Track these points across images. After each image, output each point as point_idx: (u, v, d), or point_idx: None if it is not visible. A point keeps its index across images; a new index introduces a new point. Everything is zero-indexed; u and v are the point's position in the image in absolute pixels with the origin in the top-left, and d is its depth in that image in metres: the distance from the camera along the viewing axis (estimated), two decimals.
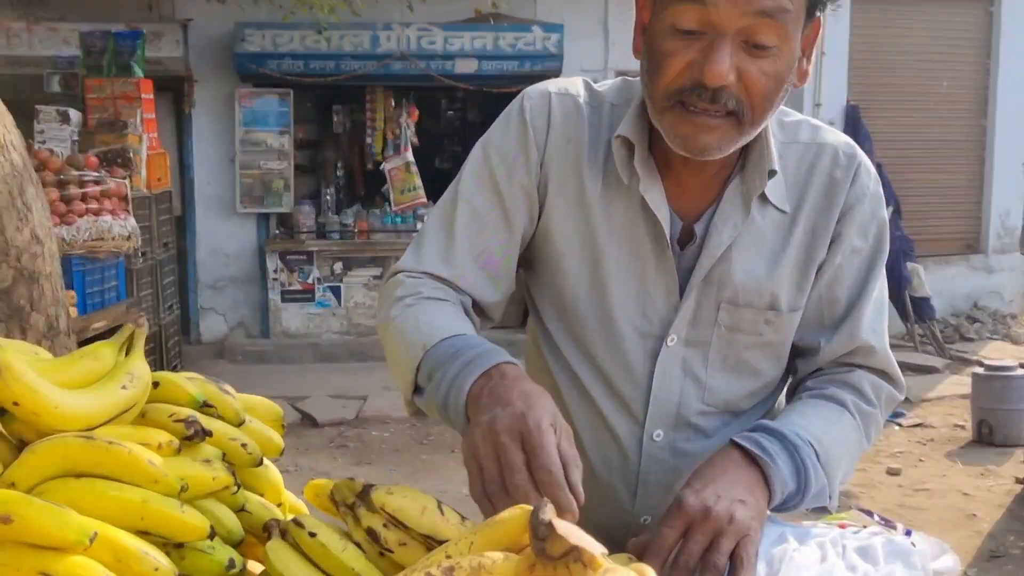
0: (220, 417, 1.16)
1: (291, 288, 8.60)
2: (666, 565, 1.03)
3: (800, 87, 1.15)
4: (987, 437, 6.05)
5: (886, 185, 7.99)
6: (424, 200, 8.09)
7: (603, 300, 1.25)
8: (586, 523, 0.85)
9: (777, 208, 1.22)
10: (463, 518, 0.95)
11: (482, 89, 7.81)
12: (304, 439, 6.73)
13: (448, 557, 0.81)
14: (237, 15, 7.30)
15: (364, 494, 0.98)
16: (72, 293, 5.15)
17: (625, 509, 1.28)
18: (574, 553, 0.72)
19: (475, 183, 1.25)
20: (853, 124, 8.62)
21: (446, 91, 8.25)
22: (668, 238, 1.20)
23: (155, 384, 1.14)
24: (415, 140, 8.17)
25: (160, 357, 6.83)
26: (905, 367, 6.98)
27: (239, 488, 1.11)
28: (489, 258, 1.25)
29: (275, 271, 8.42)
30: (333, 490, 1.02)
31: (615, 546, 1.02)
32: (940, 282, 8.93)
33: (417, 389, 1.16)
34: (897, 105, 9.04)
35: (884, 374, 1.28)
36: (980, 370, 6.26)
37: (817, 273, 1.24)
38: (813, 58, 1.16)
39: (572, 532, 0.75)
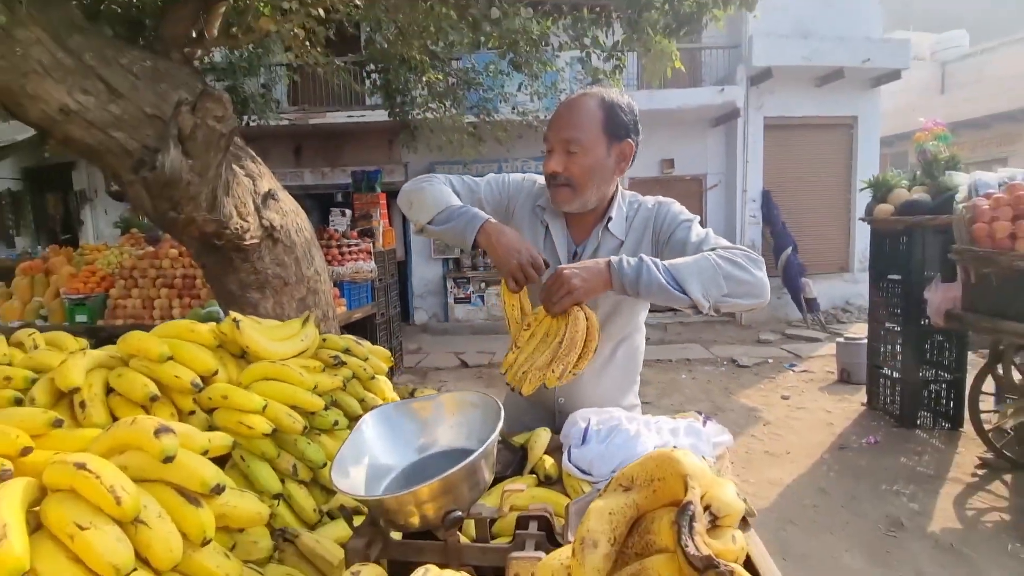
0: (354, 355, 1.53)
1: (460, 297, 10.70)
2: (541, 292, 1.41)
3: (621, 176, 1.65)
4: (846, 379, 6.77)
5: (788, 234, 10.08)
6: None
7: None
8: (525, 403, 1.44)
9: (615, 236, 1.67)
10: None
11: None
12: (460, 375, 7.80)
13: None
14: (434, 157, 9.51)
15: None
16: (342, 300, 6.06)
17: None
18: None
19: (477, 182, 1.76)
20: (767, 201, 10.48)
21: None
22: (566, 252, 1.68)
23: (324, 339, 1.51)
24: None
25: (388, 333, 7.58)
26: (801, 339, 9.45)
27: (344, 387, 1.49)
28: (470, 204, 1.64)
29: (451, 288, 10.80)
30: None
31: (543, 421, 1.63)
32: (825, 290, 10.71)
33: (430, 223, 1.58)
34: (795, 189, 10.80)
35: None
36: (842, 340, 7.06)
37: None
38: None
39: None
